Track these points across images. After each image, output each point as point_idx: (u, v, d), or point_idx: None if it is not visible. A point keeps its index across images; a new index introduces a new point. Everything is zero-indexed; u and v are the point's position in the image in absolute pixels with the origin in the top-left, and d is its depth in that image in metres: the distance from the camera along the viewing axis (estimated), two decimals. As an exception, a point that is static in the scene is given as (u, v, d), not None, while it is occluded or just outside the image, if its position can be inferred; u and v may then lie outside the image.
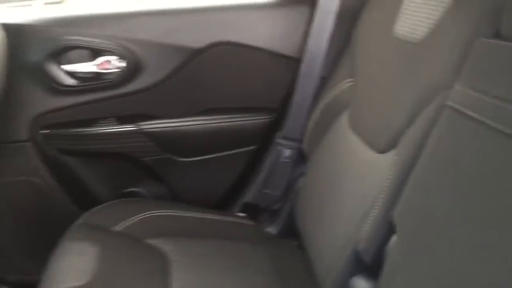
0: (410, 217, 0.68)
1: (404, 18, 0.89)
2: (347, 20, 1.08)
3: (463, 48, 0.69)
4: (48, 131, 1.15)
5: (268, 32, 1.14)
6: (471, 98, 0.64)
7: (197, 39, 1.12)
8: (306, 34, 1.12)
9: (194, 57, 1.12)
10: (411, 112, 0.77)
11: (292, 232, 1.10)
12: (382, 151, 0.83)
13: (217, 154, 1.22)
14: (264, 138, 1.20)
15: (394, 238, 0.71)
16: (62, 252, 0.95)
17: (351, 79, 1.02)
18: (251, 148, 1.21)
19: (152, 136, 1.18)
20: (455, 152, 0.65)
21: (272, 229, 1.16)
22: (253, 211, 1.19)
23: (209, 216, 1.12)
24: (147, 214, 1.07)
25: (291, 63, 1.14)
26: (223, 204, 1.24)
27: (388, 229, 0.73)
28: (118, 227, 1.03)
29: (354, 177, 0.91)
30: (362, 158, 0.89)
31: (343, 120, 1.01)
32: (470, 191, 0.59)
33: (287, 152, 1.15)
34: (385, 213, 0.75)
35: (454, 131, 0.66)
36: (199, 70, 1.14)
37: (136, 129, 1.17)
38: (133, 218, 1.06)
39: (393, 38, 0.90)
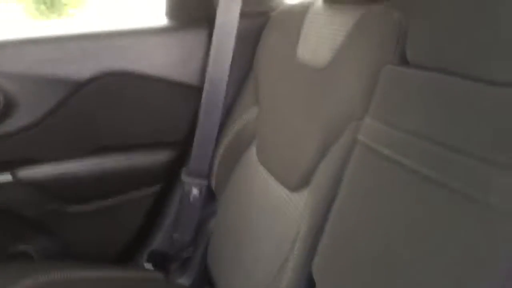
0: (329, 272, 0.60)
1: (306, 42, 0.83)
2: (249, 43, 1.00)
3: (369, 76, 0.63)
4: None
5: (164, 59, 1.03)
6: (381, 132, 0.58)
7: (82, 69, 0.98)
8: (205, 60, 1.02)
9: (79, 90, 0.98)
10: (322, 145, 0.70)
11: (206, 282, 0.98)
12: (295, 189, 0.76)
13: (116, 198, 1.08)
14: (168, 176, 1.08)
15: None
16: None
17: (257, 108, 0.94)
18: (154, 188, 1.09)
19: (34, 184, 1.01)
20: (371, 192, 0.58)
21: (184, 280, 1.03)
22: (161, 260, 1.06)
23: (109, 273, 0.97)
24: (38, 279, 0.90)
25: (192, 92, 1.03)
26: (126, 255, 1.09)
27: (309, 282, 0.65)
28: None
29: (269, 217, 0.82)
30: (275, 196, 0.81)
31: (252, 153, 0.92)
32: (391, 232, 0.52)
33: (194, 191, 1.04)
34: (304, 262, 0.67)
35: (367, 169, 0.59)
36: (87, 104, 1.00)
37: (12, 178, 0.99)
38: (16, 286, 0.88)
39: (296, 63, 0.83)
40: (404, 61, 0.59)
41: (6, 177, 1.00)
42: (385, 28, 0.64)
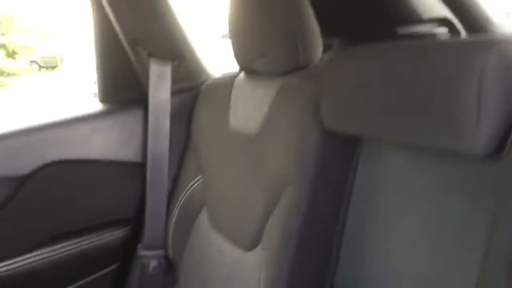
0: None
1: (236, 111, 0.93)
2: (183, 116, 1.08)
3: (298, 142, 0.73)
4: None
5: (104, 142, 1.08)
6: None
7: (22, 164, 1.00)
8: (144, 137, 1.08)
9: (21, 185, 1.00)
10: (267, 205, 0.78)
11: None
12: (249, 248, 0.83)
13: (76, 284, 1.08)
14: (125, 253, 1.11)
15: None
16: None
17: (201, 176, 1.01)
18: (112, 268, 1.11)
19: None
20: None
21: None
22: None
23: None
24: None
25: (136, 169, 1.09)
26: None
27: None
28: None
29: (228, 278, 0.88)
30: (231, 258, 0.88)
31: (204, 219, 0.99)
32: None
33: (153, 263, 1.08)
34: None
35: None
36: (33, 197, 1.02)
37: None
38: None
39: (230, 132, 0.92)
40: (323, 127, 0.69)
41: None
42: (302, 99, 0.75)
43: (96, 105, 1.14)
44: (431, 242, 0.57)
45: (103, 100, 1.14)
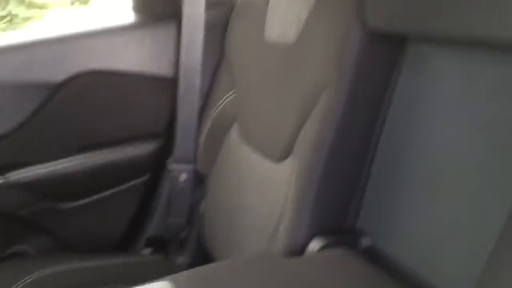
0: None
1: (273, 23, 0.90)
2: (217, 32, 1.06)
3: (337, 44, 0.70)
4: None
5: (136, 54, 1.08)
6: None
7: (56, 72, 1.01)
8: (177, 51, 1.07)
9: (56, 92, 1.02)
10: (300, 115, 0.77)
11: (204, 259, 1.05)
12: (279, 160, 0.83)
13: (107, 192, 1.13)
14: (155, 166, 1.14)
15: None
16: None
17: (234, 91, 1.01)
18: (143, 178, 1.14)
19: (25, 185, 1.04)
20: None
21: (182, 260, 1.10)
22: (159, 244, 1.12)
23: (109, 261, 1.02)
24: (40, 273, 0.95)
25: (169, 83, 1.09)
26: (124, 245, 1.14)
27: (303, 239, 0.72)
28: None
29: (257, 190, 0.90)
30: (261, 170, 0.88)
31: (234, 134, 0.99)
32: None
33: (183, 176, 1.10)
34: (296, 224, 0.74)
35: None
36: (67, 105, 1.04)
37: (3, 182, 1.02)
38: (23, 281, 0.93)
39: (266, 44, 0.90)
40: (366, 28, 0.66)
41: (-2, 182, 1.03)
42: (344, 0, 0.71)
43: (130, 17, 1.13)
44: (477, 154, 0.54)
45: (136, 9, 1.13)
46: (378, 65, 0.69)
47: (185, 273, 0.59)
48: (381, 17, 0.63)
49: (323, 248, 0.68)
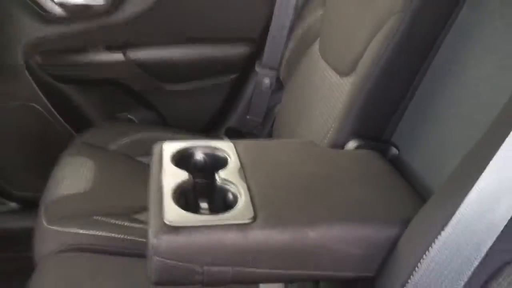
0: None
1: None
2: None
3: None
4: (41, 58, 1.25)
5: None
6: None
7: None
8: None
9: None
10: (368, 36, 0.88)
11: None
12: (346, 75, 0.96)
13: (201, 82, 1.34)
14: (244, 67, 1.32)
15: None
16: (63, 165, 1.09)
17: (322, 11, 1.12)
18: (232, 76, 1.33)
19: (139, 63, 1.29)
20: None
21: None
22: (236, 135, 1.33)
23: (193, 137, 1.25)
24: (138, 135, 1.21)
25: (268, -3, 1.23)
26: (208, 129, 1.37)
27: (344, 138, 0.86)
28: (112, 146, 1.17)
29: (323, 98, 1.04)
30: (329, 82, 1.02)
31: (315, 49, 1.12)
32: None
33: (266, 80, 1.27)
34: (342, 126, 0.87)
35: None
36: (180, 1, 1.24)
37: (124, 57, 1.27)
38: (125, 138, 1.19)
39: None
40: None
41: (118, 56, 1.28)
42: None
43: None
44: (497, 99, 0.61)
45: None
46: (440, 1, 0.77)
47: (238, 141, 0.77)
48: None
49: (357, 148, 0.82)
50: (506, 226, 0.50)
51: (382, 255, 0.60)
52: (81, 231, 0.93)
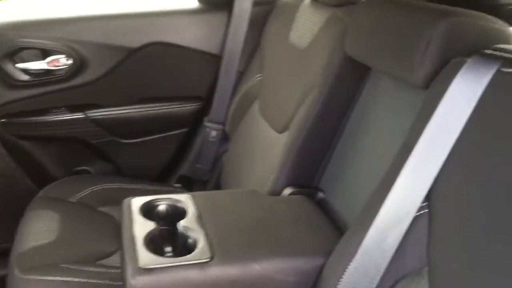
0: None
1: (296, 29, 1.22)
2: (257, 26, 1.39)
3: (327, 60, 1.02)
4: (5, 119, 1.37)
5: (193, 34, 1.43)
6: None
7: (133, 40, 1.38)
8: (225, 36, 1.42)
9: (131, 55, 1.39)
10: (297, 103, 1.10)
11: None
12: (281, 132, 1.16)
13: (155, 136, 1.51)
14: (193, 122, 1.50)
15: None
16: (28, 219, 1.21)
17: (261, 74, 1.34)
18: (183, 130, 1.51)
19: (98, 122, 1.44)
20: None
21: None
22: (187, 182, 1.50)
23: (149, 187, 1.41)
24: (98, 187, 1.34)
25: (214, 59, 1.44)
26: (162, 177, 1.53)
27: (281, 187, 1.06)
28: (74, 199, 1.30)
29: (262, 151, 1.24)
30: (268, 137, 1.22)
31: (255, 107, 1.33)
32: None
33: (213, 133, 1.46)
34: (281, 177, 1.07)
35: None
36: (136, 65, 1.41)
37: (84, 117, 1.42)
38: (85, 190, 1.32)
39: (288, 44, 1.23)
40: (345, 54, 0.98)
41: (79, 116, 1.43)
42: (338, 29, 1.02)
43: (193, 4, 1.48)
44: (391, 150, 0.83)
45: (200, 0, 1.48)
46: (350, 80, 1.00)
47: (194, 192, 0.95)
48: (353, 49, 0.95)
49: (292, 194, 1.03)
50: (396, 252, 0.71)
51: (312, 281, 0.79)
52: (50, 278, 1.04)
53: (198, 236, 0.80)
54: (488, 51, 0.67)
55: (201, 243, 0.78)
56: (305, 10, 1.22)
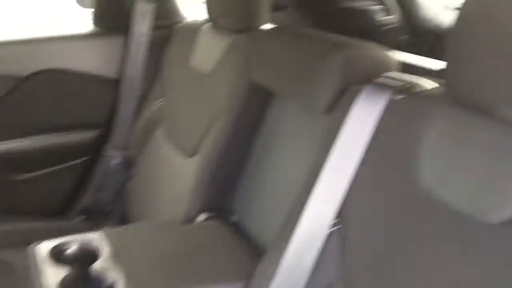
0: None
1: (197, 53, 1.24)
2: (157, 50, 1.39)
3: (232, 86, 1.05)
4: None
5: (89, 58, 1.38)
6: None
7: (24, 67, 1.30)
8: (123, 60, 1.39)
9: (22, 83, 1.31)
10: (205, 127, 1.11)
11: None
12: (190, 156, 1.17)
13: (53, 168, 1.42)
14: (94, 150, 1.44)
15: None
16: None
17: (164, 98, 1.34)
18: (83, 159, 1.45)
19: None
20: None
21: (109, 227, 1.41)
22: (91, 214, 1.43)
23: (49, 224, 1.33)
24: None
25: (113, 84, 1.41)
26: (63, 210, 1.45)
27: (195, 212, 1.06)
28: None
29: (171, 176, 1.23)
30: (175, 162, 1.22)
31: (160, 132, 1.32)
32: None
33: (115, 160, 1.42)
34: (196, 201, 1.08)
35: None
36: (27, 95, 1.33)
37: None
38: None
39: (190, 69, 1.24)
40: (250, 80, 1.02)
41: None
42: (242, 55, 1.06)
43: (88, 27, 1.43)
44: (300, 172, 0.88)
45: (95, 23, 1.43)
46: (256, 104, 1.04)
47: (106, 229, 0.92)
48: (257, 75, 0.99)
49: (207, 219, 1.04)
50: (313, 268, 0.75)
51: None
52: None
53: (115, 276, 0.78)
54: (380, 80, 0.75)
55: (120, 285, 0.76)
56: (205, 35, 1.24)
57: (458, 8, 0.60)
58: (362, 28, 1.25)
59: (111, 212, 1.44)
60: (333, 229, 0.73)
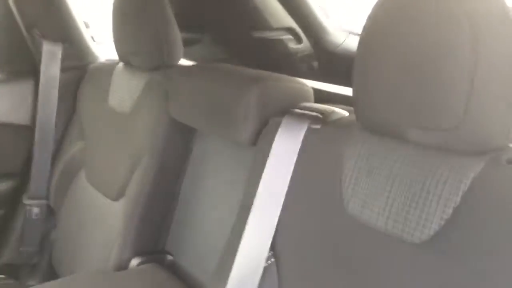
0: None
1: (114, 93, 1.21)
2: (69, 92, 1.35)
3: (154, 124, 1.04)
4: None
5: (-1, 106, 1.31)
6: None
7: None
8: (34, 105, 1.33)
9: None
10: (129, 169, 1.09)
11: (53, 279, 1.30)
12: (116, 199, 1.13)
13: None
14: (11, 202, 1.36)
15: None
16: None
17: (82, 141, 1.29)
18: (0, 212, 1.35)
19: None
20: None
21: (34, 282, 1.33)
22: (12, 270, 1.34)
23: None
24: None
25: (25, 131, 1.34)
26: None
27: (127, 258, 1.03)
28: None
29: (97, 222, 1.19)
30: (101, 206, 1.18)
31: (82, 176, 1.28)
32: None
33: (35, 210, 1.34)
34: (125, 247, 1.05)
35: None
36: None
37: None
38: None
39: (108, 110, 1.21)
40: (171, 117, 1.02)
41: None
42: (160, 93, 1.06)
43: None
44: (231, 205, 0.89)
45: (2, 69, 1.36)
46: (179, 141, 1.05)
47: (38, 286, 0.86)
48: (177, 111, 1.00)
49: (140, 263, 1.01)
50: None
51: None
52: None
53: None
54: (297, 111, 0.79)
55: None
56: (121, 74, 1.22)
57: (359, 34, 0.61)
58: (276, 58, 1.29)
59: (36, 266, 1.36)
60: (268, 262, 0.74)
